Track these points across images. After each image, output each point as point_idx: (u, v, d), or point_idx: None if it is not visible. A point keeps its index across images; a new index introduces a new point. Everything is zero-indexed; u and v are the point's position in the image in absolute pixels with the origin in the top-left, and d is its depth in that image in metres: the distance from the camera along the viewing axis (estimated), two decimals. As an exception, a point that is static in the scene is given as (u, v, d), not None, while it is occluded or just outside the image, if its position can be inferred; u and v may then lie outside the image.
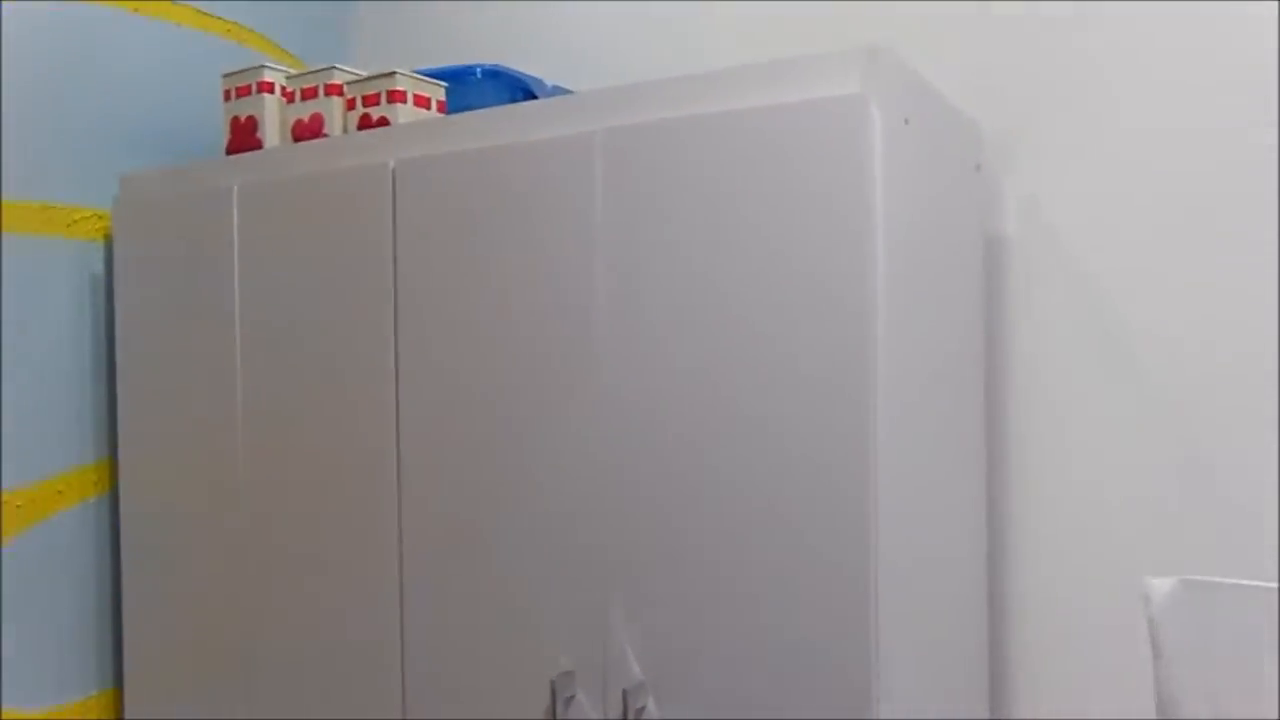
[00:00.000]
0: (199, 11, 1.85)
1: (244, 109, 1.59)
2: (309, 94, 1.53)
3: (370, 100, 1.47)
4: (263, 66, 1.57)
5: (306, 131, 1.53)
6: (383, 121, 1.46)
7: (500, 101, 1.56)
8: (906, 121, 1.12)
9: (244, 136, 1.59)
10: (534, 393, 1.23)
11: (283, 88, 1.59)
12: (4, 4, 1.56)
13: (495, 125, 1.31)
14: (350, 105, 1.50)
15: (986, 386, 1.47)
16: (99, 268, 1.71)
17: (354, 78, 1.50)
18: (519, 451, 1.24)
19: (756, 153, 1.08)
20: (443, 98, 1.52)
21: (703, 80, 1.14)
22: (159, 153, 1.79)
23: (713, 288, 1.10)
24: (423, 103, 1.49)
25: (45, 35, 1.63)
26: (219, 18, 1.88)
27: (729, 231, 1.10)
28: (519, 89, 1.59)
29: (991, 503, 1.49)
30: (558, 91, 1.67)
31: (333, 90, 1.51)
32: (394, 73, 1.45)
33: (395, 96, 1.45)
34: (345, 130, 1.52)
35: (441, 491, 1.31)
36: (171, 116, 1.81)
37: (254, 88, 1.58)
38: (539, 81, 1.63)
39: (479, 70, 1.56)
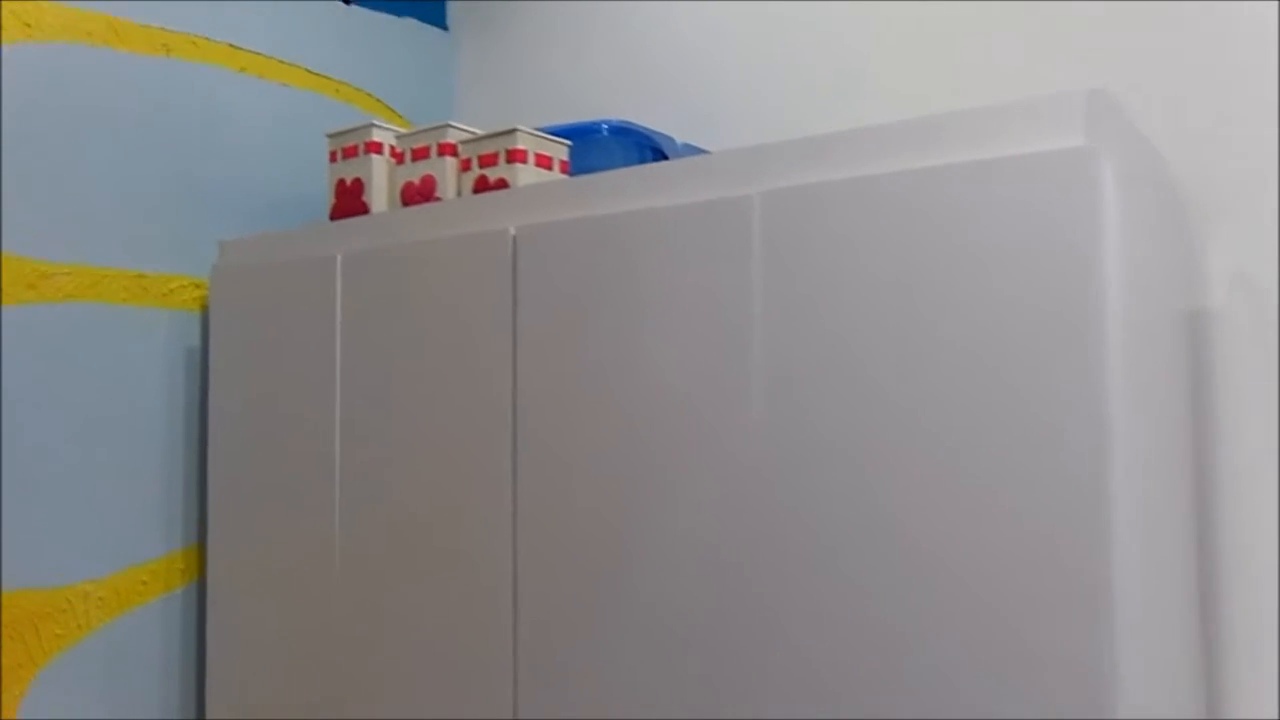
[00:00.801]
0: (308, 72, 1.76)
1: (350, 171, 1.47)
2: (420, 154, 1.41)
3: (487, 160, 1.34)
4: (371, 125, 1.45)
5: (417, 195, 1.40)
6: (501, 184, 1.32)
7: (628, 161, 1.42)
8: (1132, 179, 0.93)
9: (349, 200, 1.47)
10: (667, 487, 1.06)
11: (392, 148, 1.47)
12: (110, 58, 1.49)
13: (627, 187, 1.15)
14: (465, 166, 1.36)
15: (1195, 469, 1.25)
16: (195, 340, 1.60)
17: (469, 136, 1.37)
18: (648, 548, 1.06)
19: (959, 215, 0.90)
20: (565, 157, 1.38)
21: (887, 133, 0.97)
22: (262, 218, 1.69)
23: (901, 374, 0.92)
24: (544, 163, 1.35)
25: (146, 93, 1.54)
26: (327, 77, 1.79)
27: (921, 307, 0.91)
28: (648, 148, 1.45)
29: (1205, 598, 1.26)
30: (690, 150, 1.52)
31: (446, 150, 1.38)
32: (514, 130, 1.31)
33: (515, 156, 1.32)
34: (459, 193, 1.39)
35: (561, 590, 1.13)
36: (275, 180, 1.71)
37: (361, 148, 1.46)
38: (669, 139, 1.48)
39: (605, 127, 1.42)
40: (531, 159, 1.33)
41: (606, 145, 1.43)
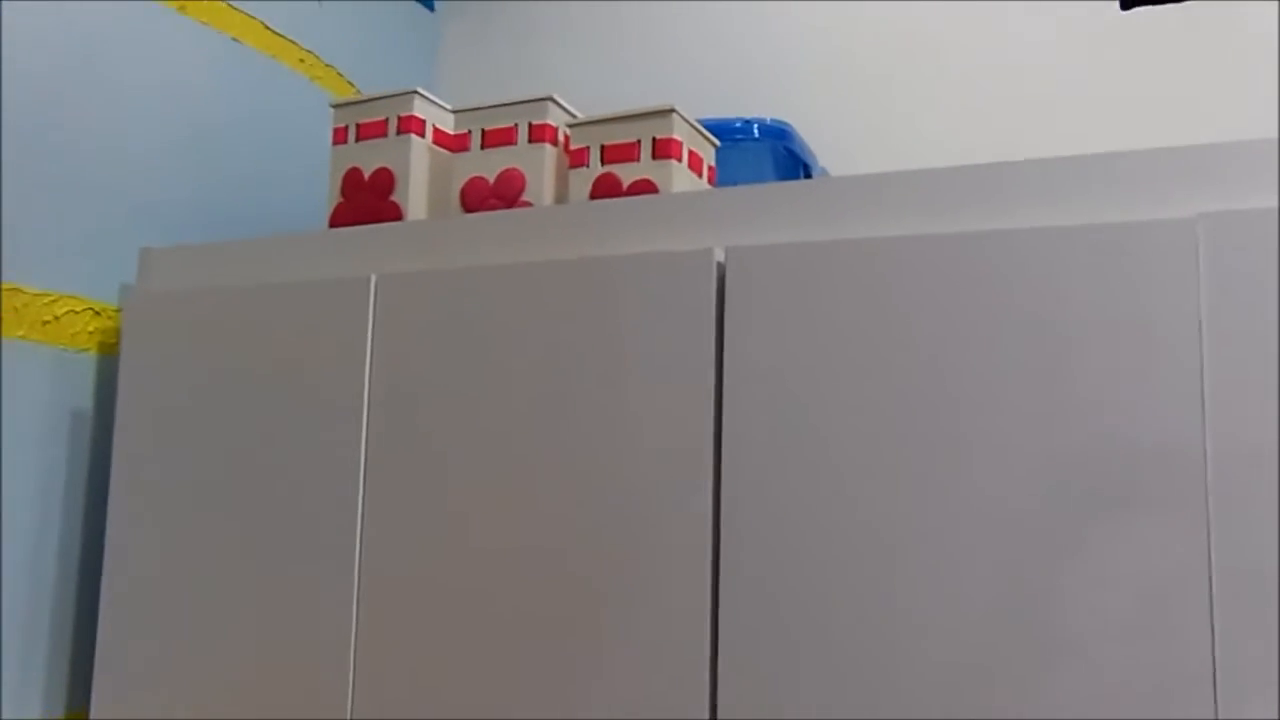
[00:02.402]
0: (268, 29, 1.26)
1: (372, 157, 1.00)
2: (497, 138, 0.95)
3: (618, 153, 0.90)
4: (414, 93, 0.99)
5: (493, 197, 0.94)
6: (644, 187, 0.89)
7: (780, 175, 1.02)
8: None
9: (368, 199, 0.99)
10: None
11: (437, 129, 1.01)
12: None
13: (848, 202, 0.76)
14: (577, 159, 0.92)
15: None
16: (86, 399, 1.05)
17: (586, 118, 0.93)
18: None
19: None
20: (713, 162, 0.97)
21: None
22: (199, 218, 1.17)
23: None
24: (696, 165, 0.93)
25: (38, 31, 1.01)
26: (293, 42, 1.30)
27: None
28: (799, 164, 1.05)
29: None
30: (826, 175, 1.14)
31: (542, 134, 0.94)
32: (672, 110, 0.89)
33: (667, 149, 0.89)
34: (560, 198, 0.94)
35: None
36: (215, 166, 1.19)
37: (393, 125, 0.99)
38: (812, 154, 1.10)
39: (756, 126, 1.02)
40: (685, 157, 0.91)
41: (752, 152, 1.02)
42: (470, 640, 0.81)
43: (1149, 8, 1.18)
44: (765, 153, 1.01)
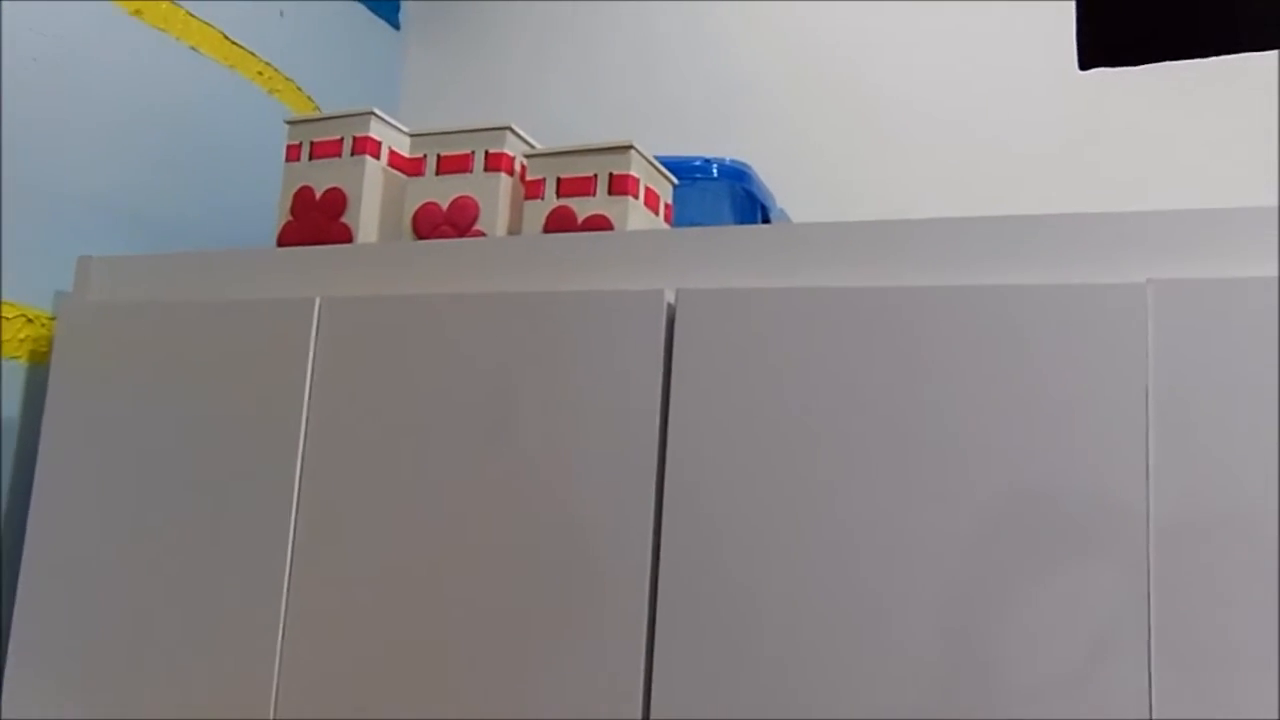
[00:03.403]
0: (227, 39, 1.24)
1: (324, 177, 0.98)
2: (452, 165, 0.94)
3: (575, 186, 0.89)
4: (369, 113, 0.97)
5: (445, 224, 0.93)
6: (598, 223, 0.88)
7: (738, 217, 1.01)
8: None
9: (318, 219, 0.97)
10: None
11: (394, 152, 0.99)
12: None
13: (800, 249, 0.75)
14: (532, 191, 0.91)
15: None
16: (13, 409, 1.02)
17: (543, 150, 0.92)
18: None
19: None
20: (670, 199, 0.96)
21: None
22: (140, 227, 1.14)
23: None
24: (652, 202, 0.92)
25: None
26: (251, 53, 1.28)
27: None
28: (758, 204, 1.05)
29: None
30: (784, 217, 1.14)
31: (499, 163, 0.92)
32: (630, 147, 0.88)
33: (624, 185, 0.88)
34: (512, 229, 0.93)
35: None
36: (159, 177, 1.17)
37: (347, 145, 0.97)
38: (770, 195, 1.09)
39: (715, 166, 1.01)
40: (642, 193, 0.90)
41: (710, 191, 1.01)
42: (398, 670, 0.79)
43: (1108, 69, 1.20)
44: (723, 193, 1.00)
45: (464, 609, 0.78)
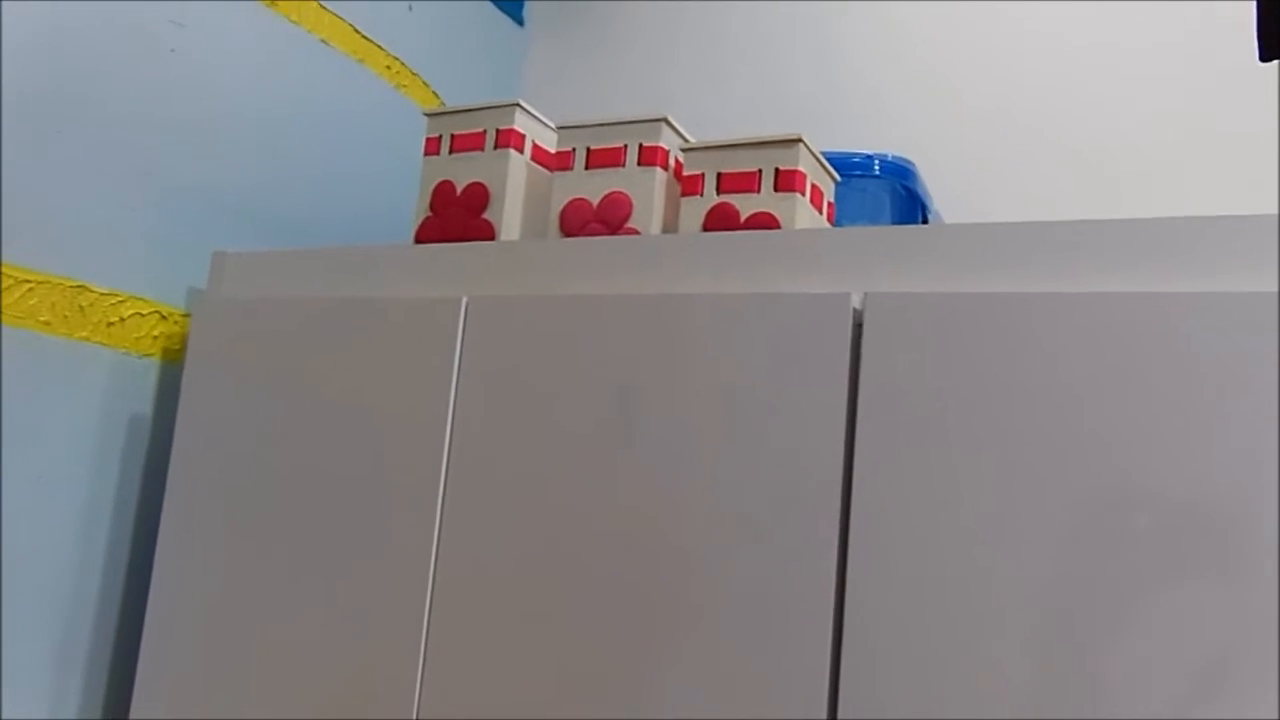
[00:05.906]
0: (357, 32, 1.21)
1: (465, 171, 0.93)
2: (603, 159, 0.89)
3: (737, 182, 0.83)
4: (515, 105, 0.93)
5: (596, 221, 0.88)
6: (763, 221, 0.82)
7: (896, 216, 0.95)
8: None
9: (459, 216, 0.93)
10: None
11: (537, 146, 0.95)
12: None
13: (979, 252, 0.68)
14: (690, 188, 0.85)
15: None
16: (145, 404, 1.00)
17: (702, 143, 0.87)
18: None
19: None
20: (833, 197, 0.90)
21: None
22: (272, 222, 1.11)
23: None
24: (816, 200, 0.86)
25: (109, 18, 0.97)
26: (381, 47, 1.25)
27: None
28: (918, 204, 0.98)
29: None
30: (938, 218, 1.07)
31: (653, 157, 0.87)
32: (799, 140, 0.82)
33: (791, 182, 0.82)
34: (668, 227, 0.88)
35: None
36: (293, 171, 1.14)
37: (490, 139, 0.93)
38: (930, 197, 1.02)
39: (877, 162, 0.95)
40: (809, 190, 0.84)
41: (874, 190, 0.95)
42: (543, 676, 0.74)
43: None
44: (884, 191, 0.94)
45: (620, 609, 0.72)
